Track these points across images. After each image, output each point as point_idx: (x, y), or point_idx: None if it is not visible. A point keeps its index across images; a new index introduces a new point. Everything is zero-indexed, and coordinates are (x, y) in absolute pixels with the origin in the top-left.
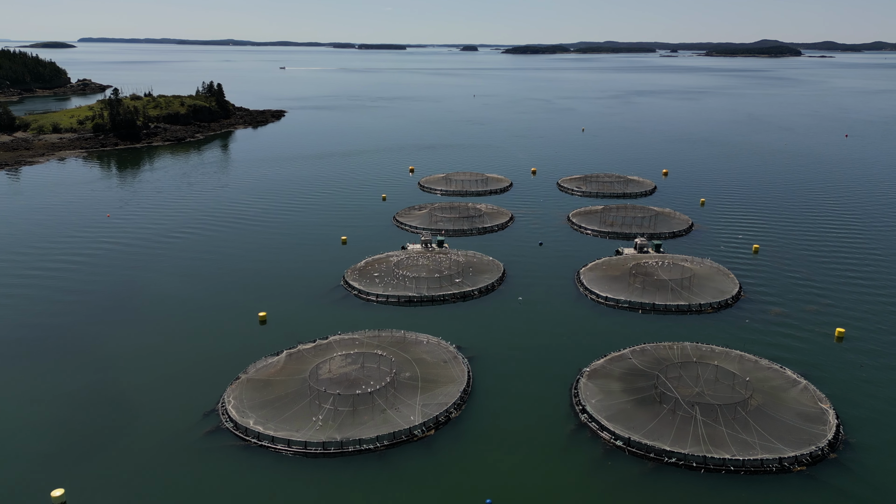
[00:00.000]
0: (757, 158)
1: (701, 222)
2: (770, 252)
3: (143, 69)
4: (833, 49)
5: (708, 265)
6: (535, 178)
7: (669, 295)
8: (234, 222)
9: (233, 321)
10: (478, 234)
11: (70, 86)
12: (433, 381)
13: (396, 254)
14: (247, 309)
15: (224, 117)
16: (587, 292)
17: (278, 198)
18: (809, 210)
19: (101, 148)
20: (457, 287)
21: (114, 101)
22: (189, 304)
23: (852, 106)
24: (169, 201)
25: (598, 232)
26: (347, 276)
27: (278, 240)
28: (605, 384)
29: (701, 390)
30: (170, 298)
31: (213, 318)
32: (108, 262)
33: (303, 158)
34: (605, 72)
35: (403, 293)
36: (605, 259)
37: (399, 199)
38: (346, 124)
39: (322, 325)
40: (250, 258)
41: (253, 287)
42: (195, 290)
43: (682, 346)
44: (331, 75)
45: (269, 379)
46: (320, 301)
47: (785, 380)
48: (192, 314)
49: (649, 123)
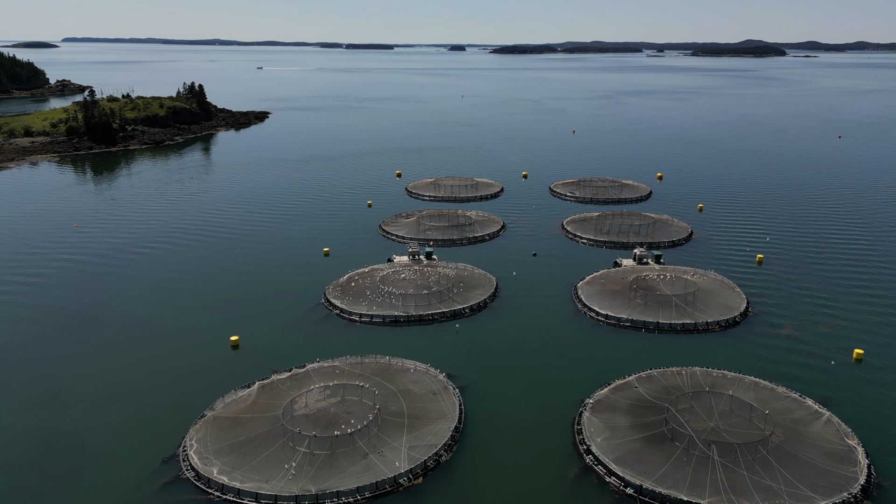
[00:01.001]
0: (752, 161)
1: (700, 230)
2: (774, 262)
3: (125, 69)
4: (817, 49)
5: (712, 278)
6: (526, 183)
7: (673, 312)
8: (209, 233)
9: (202, 347)
10: (468, 243)
11: (48, 87)
12: (421, 416)
13: (382, 267)
14: (218, 332)
15: (205, 119)
16: (586, 309)
17: (258, 205)
18: (810, 216)
19: (75, 152)
20: (446, 304)
21: (89, 102)
22: (154, 327)
23: (842, 106)
24: (140, 209)
25: (594, 241)
26: (329, 293)
27: (256, 252)
28: (611, 419)
29: (716, 425)
30: (133, 320)
31: (180, 343)
32: (69, 279)
33: (285, 162)
34: (593, 72)
35: (389, 312)
36: (604, 271)
37: (385, 206)
38: (332, 126)
39: (300, 349)
40: (225, 273)
41: (226, 306)
42: (162, 310)
43: (691, 371)
44: (311, 75)
45: (239, 416)
46: (299, 322)
47: (806, 411)
48: (157, 339)
49: (640, 125)
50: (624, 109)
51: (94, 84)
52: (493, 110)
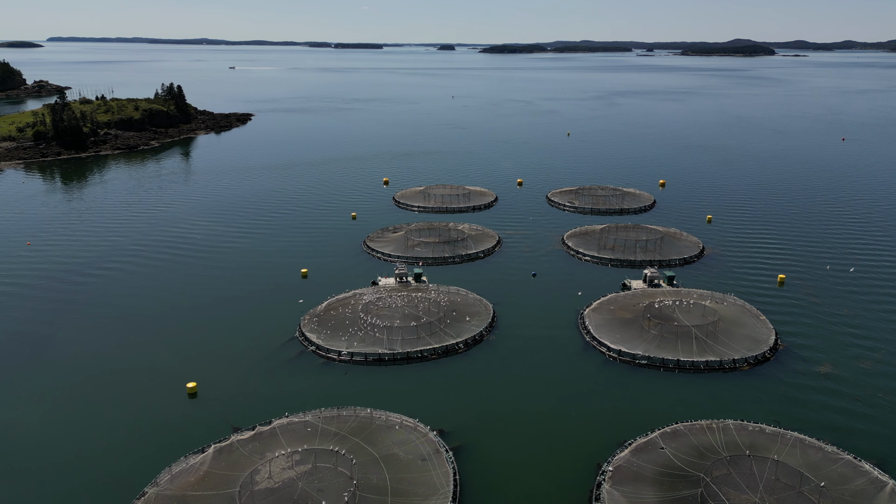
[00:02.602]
0: (757, 165)
1: (711, 245)
2: (797, 283)
3: (108, 69)
4: (805, 48)
5: (732, 303)
6: (521, 191)
7: (694, 347)
8: (174, 251)
9: (153, 395)
10: (461, 261)
11: (25, 88)
12: (407, 492)
13: (365, 292)
14: (174, 376)
15: (184, 122)
16: (595, 343)
17: (231, 219)
18: (828, 228)
19: (42, 158)
20: (437, 338)
21: (59, 105)
22: (99, 371)
23: (839, 107)
24: (102, 224)
25: (598, 259)
26: (304, 326)
27: (225, 275)
28: (636, 492)
29: (761, 500)
30: (74, 362)
31: (128, 391)
32: (9, 310)
33: (265, 169)
34: (584, 71)
35: (372, 349)
36: (612, 296)
37: (371, 218)
38: (317, 129)
39: (268, 397)
40: (188, 300)
41: (186, 342)
42: (111, 347)
43: (723, 425)
44: (289, 75)
45: (186, 495)
46: (269, 361)
47: (864, 478)
48: (100, 386)
49: (637, 127)
50: (618, 111)
51: (74, 85)
52: (485, 112)
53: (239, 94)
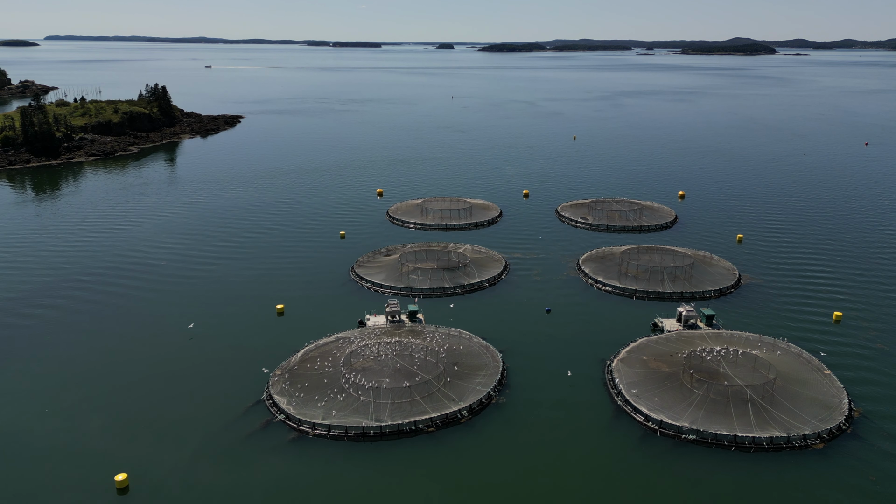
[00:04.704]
0: (780, 174)
1: (748, 270)
2: (857, 322)
3: (101, 68)
4: (805, 47)
5: (786, 350)
6: (528, 204)
7: (751, 416)
8: (129, 282)
9: (73, 492)
10: (462, 292)
11: (9, 88)
12: None
13: (351, 336)
14: (100, 462)
15: (168, 125)
16: (629, 407)
17: (201, 240)
18: (878, 249)
19: (9, 166)
20: (435, 403)
21: (31, 108)
22: (11, 451)
23: (853, 108)
24: (48, 247)
25: (621, 290)
26: (273, 386)
27: (183, 313)
28: None
29: None
30: None
31: (48, 489)
32: None
33: (249, 178)
34: (585, 70)
35: (354, 421)
36: (642, 341)
37: (362, 238)
38: (309, 132)
39: (221, 492)
40: (128, 352)
41: (124, 412)
42: (26, 418)
43: None
44: (273, 73)
45: None
46: (227, 437)
47: None
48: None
49: (647, 130)
50: (625, 112)
51: (62, 85)
52: (486, 113)
53: (230, 95)
